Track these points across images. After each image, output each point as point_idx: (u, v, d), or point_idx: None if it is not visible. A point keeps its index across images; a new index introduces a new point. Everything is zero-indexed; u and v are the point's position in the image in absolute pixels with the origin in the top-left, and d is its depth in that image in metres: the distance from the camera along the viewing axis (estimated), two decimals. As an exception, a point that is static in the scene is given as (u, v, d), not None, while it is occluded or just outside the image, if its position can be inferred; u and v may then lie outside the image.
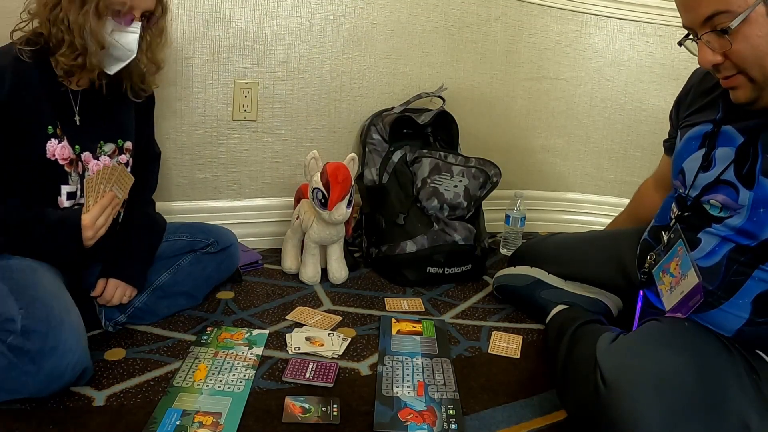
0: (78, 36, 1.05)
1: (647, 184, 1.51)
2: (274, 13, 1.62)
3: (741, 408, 0.88)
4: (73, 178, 1.15)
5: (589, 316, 1.25)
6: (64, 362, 0.95)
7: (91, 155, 1.18)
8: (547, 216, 2.22)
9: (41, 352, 0.93)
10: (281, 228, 1.74)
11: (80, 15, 1.04)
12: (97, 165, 1.18)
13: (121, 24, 1.09)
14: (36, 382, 0.94)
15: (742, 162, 0.99)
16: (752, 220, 0.97)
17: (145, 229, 1.29)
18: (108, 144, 1.21)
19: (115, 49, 1.11)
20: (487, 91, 2.00)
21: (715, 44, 0.93)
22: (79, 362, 0.97)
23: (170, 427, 0.95)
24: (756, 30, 0.89)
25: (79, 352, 0.97)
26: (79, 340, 0.99)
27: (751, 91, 0.95)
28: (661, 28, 2.01)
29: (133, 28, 1.10)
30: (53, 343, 0.94)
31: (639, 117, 2.12)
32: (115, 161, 1.21)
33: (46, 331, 0.94)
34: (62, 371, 0.95)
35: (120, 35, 1.10)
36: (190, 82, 1.58)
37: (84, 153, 1.17)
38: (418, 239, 1.61)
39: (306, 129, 1.77)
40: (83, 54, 1.07)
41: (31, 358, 0.93)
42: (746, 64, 0.92)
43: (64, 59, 1.07)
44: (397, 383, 1.12)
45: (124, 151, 1.24)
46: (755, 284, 0.97)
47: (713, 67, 0.96)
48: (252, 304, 1.42)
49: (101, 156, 1.20)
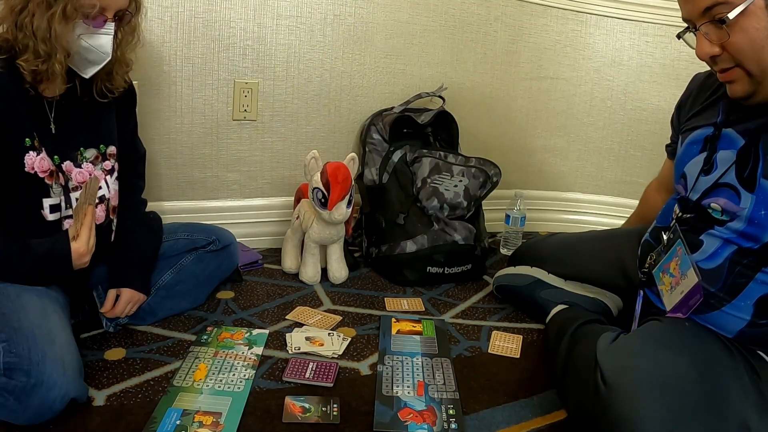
0: (42, 41, 0.99)
1: (651, 188, 1.51)
2: (274, 13, 1.62)
3: (741, 408, 0.88)
4: (55, 190, 1.09)
5: (589, 316, 1.26)
6: (51, 396, 0.90)
7: (73, 164, 1.12)
8: (547, 216, 2.22)
9: (24, 390, 0.89)
10: (281, 228, 1.74)
11: (45, 19, 0.98)
12: (80, 173, 1.12)
13: (91, 26, 1.02)
14: (24, 417, 0.91)
15: (743, 165, 0.99)
16: (754, 223, 0.97)
17: (146, 234, 1.28)
18: (89, 150, 1.15)
19: (88, 53, 1.05)
20: (487, 91, 2.00)
21: (713, 36, 0.93)
22: (67, 395, 0.93)
23: (170, 426, 0.95)
24: (754, 22, 0.89)
25: (64, 385, 0.92)
26: (64, 372, 0.93)
27: (748, 85, 0.95)
28: (661, 28, 2.01)
29: (106, 30, 1.05)
30: (36, 380, 0.89)
31: (639, 117, 2.12)
32: (99, 168, 1.16)
33: (27, 369, 0.90)
34: (50, 405, 0.91)
35: (92, 38, 1.04)
36: (190, 82, 1.58)
37: (64, 162, 1.11)
38: (418, 239, 1.61)
39: (306, 129, 1.76)
40: (46, 60, 1.00)
41: (16, 397, 0.89)
42: (743, 56, 0.92)
43: (26, 65, 1.00)
44: (397, 383, 1.12)
45: (108, 157, 1.18)
46: (757, 286, 0.97)
47: (711, 59, 0.97)
48: (252, 304, 1.42)
49: (83, 163, 1.14)
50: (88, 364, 1.11)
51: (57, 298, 1.09)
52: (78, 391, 0.96)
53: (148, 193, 1.38)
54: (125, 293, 1.21)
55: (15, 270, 1.03)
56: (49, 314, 1.02)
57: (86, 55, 1.06)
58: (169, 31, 1.51)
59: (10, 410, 0.90)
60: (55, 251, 1.04)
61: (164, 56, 1.52)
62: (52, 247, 1.04)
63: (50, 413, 0.92)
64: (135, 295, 1.22)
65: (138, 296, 1.23)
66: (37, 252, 1.03)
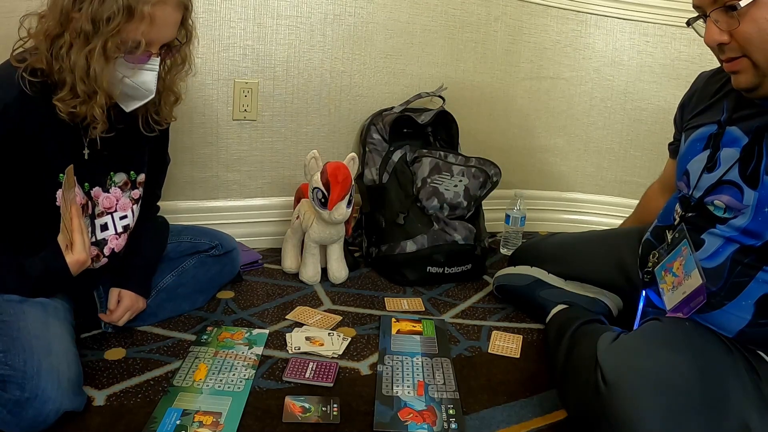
0: (80, 80, 0.90)
1: (653, 189, 1.51)
2: (274, 13, 1.62)
3: (741, 408, 0.88)
4: (84, 221, 1.03)
5: (589, 316, 1.25)
6: (45, 410, 0.89)
7: (101, 189, 1.07)
8: (547, 216, 2.22)
9: (18, 403, 0.87)
10: (281, 228, 1.74)
11: (83, 55, 0.88)
12: (107, 198, 1.07)
13: (135, 63, 0.93)
14: (19, 429, 0.89)
15: (746, 162, 0.99)
16: (757, 220, 0.97)
17: (153, 239, 1.28)
18: (119, 174, 1.09)
19: (130, 89, 0.97)
20: (487, 90, 2.00)
21: (722, 23, 0.93)
22: (61, 408, 0.91)
23: (170, 426, 0.95)
24: (765, 13, 0.89)
25: (59, 399, 0.90)
26: (59, 385, 0.90)
27: (753, 77, 0.95)
28: (661, 28, 2.01)
29: (151, 65, 0.95)
30: (30, 394, 0.87)
31: (639, 117, 2.12)
32: (127, 196, 1.10)
33: (22, 382, 0.88)
34: (44, 418, 0.89)
35: (135, 74, 0.95)
36: (190, 82, 1.58)
37: (93, 189, 1.06)
38: (418, 239, 1.61)
39: (306, 129, 1.76)
40: (85, 102, 0.92)
41: (8, 410, 0.88)
42: (751, 46, 0.92)
43: (63, 106, 0.92)
44: (397, 383, 1.12)
45: (137, 185, 1.13)
46: (758, 286, 0.97)
47: (718, 48, 0.97)
48: (252, 304, 1.42)
49: (112, 188, 1.08)
50: (88, 364, 1.11)
51: (60, 304, 1.07)
52: (74, 404, 0.94)
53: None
54: (126, 299, 1.19)
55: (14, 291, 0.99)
56: (50, 323, 0.99)
57: (128, 92, 0.99)
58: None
59: (3, 422, 0.89)
60: (51, 269, 0.99)
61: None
62: (46, 267, 0.99)
63: (44, 426, 0.90)
64: (135, 302, 1.21)
65: (137, 304, 1.21)
66: (33, 272, 0.99)
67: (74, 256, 0.99)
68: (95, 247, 1.10)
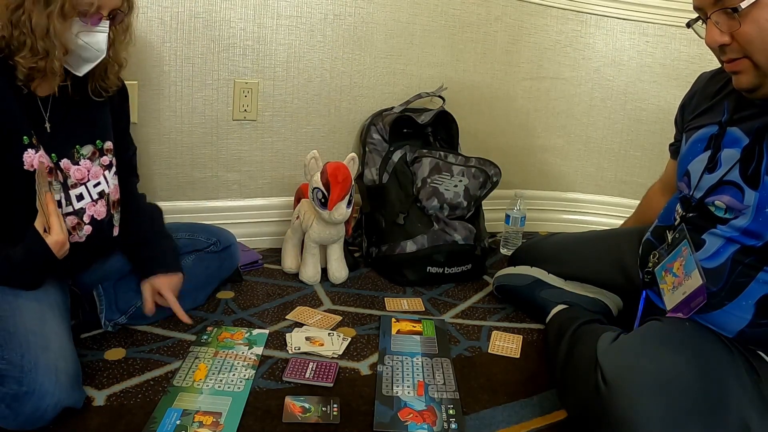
0: (40, 38, 1.00)
1: (654, 190, 1.50)
2: (274, 13, 1.62)
3: (741, 408, 0.88)
4: (55, 187, 1.09)
5: (589, 316, 1.25)
6: (43, 405, 0.90)
7: (70, 161, 1.12)
8: (547, 216, 2.22)
9: (16, 397, 0.89)
10: (281, 228, 1.74)
11: (44, 16, 0.99)
12: (78, 170, 1.13)
13: (88, 24, 1.04)
14: (16, 423, 0.90)
15: (747, 163, 0.99)
16: (758, 221, 0.97)
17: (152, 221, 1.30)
18: (85, 147, 1.15)
19: (83, 50, 1.06)
20: (487, 91, 2.00)
21: (723, 24, 0.93)
22: (59, 403, 0.92)
23: (170, 426, 0.95)
24: (765, 13, 0.89)
25: (57, 394, 0.91)
26: (57, 380, 0.92)
27: (754, 77, 0.95)
28: (661, 28, 2.01)
29: (102, 28, 1.06)
30: (27, 389, 0.89)
31: (639, 117, 2.12)
32: (96, 164, 1.16)
33: (19, 377, 0.90)
34: (42, 413, 0.90)
35: (88, 36, 1.05)
36: (190, 82, 1.58)
37: (62, 160, 1.11)
38: (418, 239, 1.61)
39: (306, 129, 1.76)
40: (44, 58, 1.01)
41: (7, 404, 0.89)
42: (752, 47, 0.92)
43: (24, 62, 1.01)
44: (397, 383, 1.12)
45: (105, 152, 1.18)
46: (759, 286, 0.97)
47: (719, 49, 0.97)
48: (252, 304, 1.42)
49: (81, 160, 1.14)
50: (88, 364, 1.11)
51: (56, 300, 1.08)
52: (72, 399, 0.95)
53: (148, 193, 1.39)
54: (161, 283, 1.21)
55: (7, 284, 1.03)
56: (47, 319, 1.01)
57: (81, 53, 1.07)
58: (169, 31, 1.51)
59: (1, 416, 0.90)
60: (33, 252, 1.02)
61: (164, 56, 1.52)
62: (28, 250, 1.02)
63: (42, 421, 0.91)
64: (172, 279, 1.23)
65: (173, 279, 1.23)
66: (15, 259, 1.02)
67: (53, 237, 1.02)
68: (75, 216, 1.13)
